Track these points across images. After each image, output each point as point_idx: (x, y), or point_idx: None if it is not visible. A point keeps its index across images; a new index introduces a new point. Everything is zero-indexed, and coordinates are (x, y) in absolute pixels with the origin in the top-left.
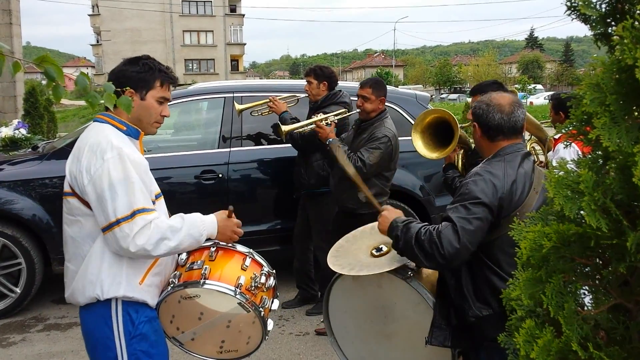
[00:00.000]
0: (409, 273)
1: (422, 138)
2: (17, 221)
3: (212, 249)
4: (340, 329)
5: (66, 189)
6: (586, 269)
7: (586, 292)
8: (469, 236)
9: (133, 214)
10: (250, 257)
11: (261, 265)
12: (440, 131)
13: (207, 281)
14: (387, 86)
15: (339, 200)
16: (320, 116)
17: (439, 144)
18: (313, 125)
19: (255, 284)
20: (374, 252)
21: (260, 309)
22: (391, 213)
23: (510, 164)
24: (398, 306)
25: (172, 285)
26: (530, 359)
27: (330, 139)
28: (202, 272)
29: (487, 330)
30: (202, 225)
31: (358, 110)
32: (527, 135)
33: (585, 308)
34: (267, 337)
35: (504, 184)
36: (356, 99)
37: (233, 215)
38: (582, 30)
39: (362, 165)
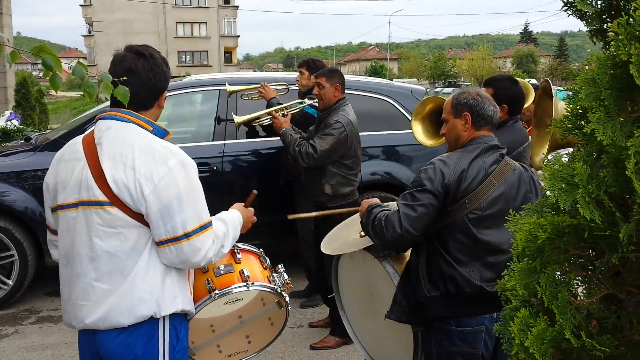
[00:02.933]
0: (383, 253)
1: (422, 125)
2: (10, 213)
3: (237, 252)
4: (347, 305)
5: (100, 197)
6: (580, 260)
7: (579, 283)
8: (411, 222)
9: (203, 228)
10: (263, 256)
11: (274, 266)
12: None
13: (255, 283)
14: (382, 79)
15: (307, 193)
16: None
17: (438, 132)
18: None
19: (285, 281)
20: (362, 233)
21: (289, 307)
22: (366, 203)
23: (466, 154)
24: (378, 284)
25: (215, 292)
26: (524, 347)
27: (284, 129)
28: (245, 274)
29: (433, 309)
30: (239, 224)
31: (316, 100)
32: None
33: (579, 298)
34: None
35: (451, 172)
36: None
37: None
38: (576, 25)
39: (312, 151)
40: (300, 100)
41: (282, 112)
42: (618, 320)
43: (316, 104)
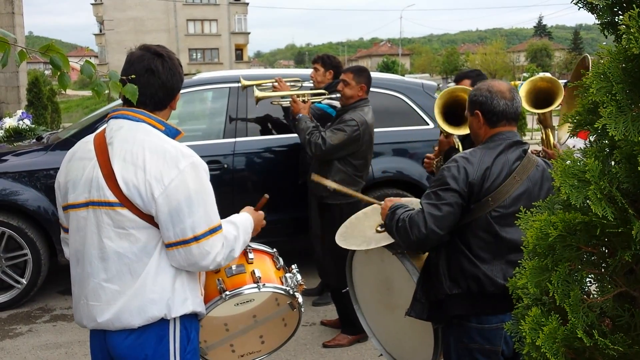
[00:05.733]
0: (401, 250)
1: (442, 116)
2: (23, 212)
3: (249, 252)
4: (361, 299)
5: (110, 198)
6: (592, 258)
7: (592, 281)
8: (437, 222)
9: (212, 231)
10: (276, 256)
11: (288, 266)
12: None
13: (266, 284)
14: (393, 75)
15: (311, 188)
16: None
17: (458, 122)
18: (290, 100)
19: (298, 282)
20: (379, 228)
21: (302, 308)
22: (389, 202)
23: (489, 151)
24: (396, 280)
25: (226, 293)
26: (536, 347)
27: (300, 115)
28: (257, 275)
29: (453, 307)
30: (250, 227)
31: (339, 95)
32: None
33: (591, 296)
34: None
35: (475, 170)
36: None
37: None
38: (591, 18)
39: (321, 143)
40: (323, 91)
41: (303, 99)
42: (632, 318)
43: (336, 103)
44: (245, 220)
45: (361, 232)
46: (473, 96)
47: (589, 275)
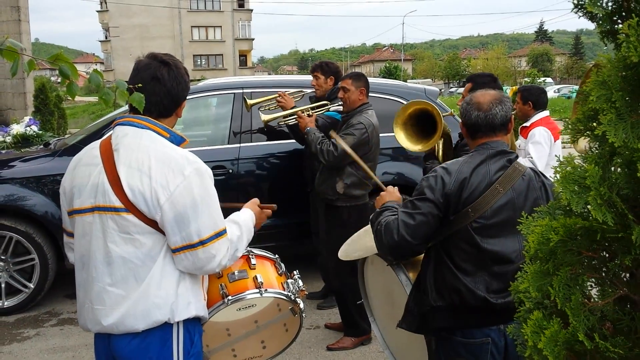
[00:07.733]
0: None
1: (405, 130)
2: (30, 217)
3: (251, 257)
4: (375, 311)
5: (116, 203)
6: (593, 262)
7: (593, 285)
8: (409, 230)
9: (218, 235)
10: (278, 262)
11: (290, 272)
12: (422, 123)
13: (268, 290)
14: (396, 81)
15: (319, 191)
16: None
17: (422, 135)
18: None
19: (299, 288)
20: None
21: (303, 314)
22: (386, 196)
23: (470, 161)
24: (395, 291)
25: (229, 298)
26: (537, 349)
27: (309, 128)
28: (259, 280)
29: (436, 320)
30: (252, 225)
31: (341, 103)
32: None
33: (592, 300)
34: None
35: (452, 180)
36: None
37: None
38: (592, 23)
39: (333, 149)
40: (325, 102)
41: (307, 113)
42: (632, 322)
43: (340, 108)
44: (247, 219)
45: (363, 244)
46: (460, 107)
47: (590, 280)
